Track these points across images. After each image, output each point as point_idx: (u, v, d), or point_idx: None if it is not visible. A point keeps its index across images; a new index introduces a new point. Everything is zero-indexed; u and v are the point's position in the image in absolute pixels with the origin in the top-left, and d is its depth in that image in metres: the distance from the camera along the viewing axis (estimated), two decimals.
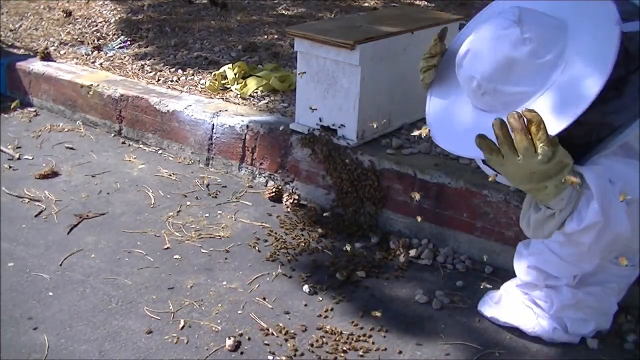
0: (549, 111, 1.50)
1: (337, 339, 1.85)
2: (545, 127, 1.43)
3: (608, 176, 1.55)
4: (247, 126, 2.77)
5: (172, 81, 3.35)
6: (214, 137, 2.87)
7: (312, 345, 1.83)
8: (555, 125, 1.47)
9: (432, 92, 1.83)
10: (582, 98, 1.46)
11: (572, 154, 1.53)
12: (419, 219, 2.17)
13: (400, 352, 1.82)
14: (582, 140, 1.59)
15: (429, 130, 1.73)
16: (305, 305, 2.00)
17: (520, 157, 1.47)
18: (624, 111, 1.55)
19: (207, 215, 2.52)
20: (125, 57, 3.77)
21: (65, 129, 3.28)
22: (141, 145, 3.12)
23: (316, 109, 2.47)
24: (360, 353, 1.80)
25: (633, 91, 1.55)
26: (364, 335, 1.87)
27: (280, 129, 2.67)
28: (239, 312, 1.97)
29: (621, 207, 1.54)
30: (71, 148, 3.07)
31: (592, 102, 1.45)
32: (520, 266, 1.86)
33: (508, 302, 1.92)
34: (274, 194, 2.63)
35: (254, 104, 3.00)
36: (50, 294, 2.02)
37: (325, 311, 1.97)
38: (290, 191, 2.64)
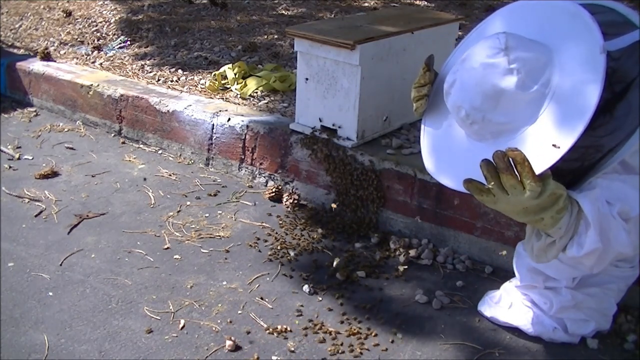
0: (539, 143, 1.49)
1: (337, 338, 1.85)
2: (529, 164, 1.41)
3: (606, 197, 1.54)
4: (247, 126, 2.77)
5: (172, 81, 3.35)
6: (214, 137, 2.87)
7: (312, 345, 1.83)
8: (545, 159, 1.46)
9: (425, 121, 1.82)
10: (571, 130, 1.45)
11: (564, 179, 1.52)
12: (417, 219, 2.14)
13: (399, 352, 1.82)
14: (575, 165, 1.58)
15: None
16: (306, 305, 2.01)
17: (510, 195, 1.47)
18: (616, 132, 1.54)
19: (207, 215, 2.52)
20: (125, 57, 3.77)
21: (65, 129, 3.28)
22: (141, 145, 3.12)
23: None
24: (360, 353, 1.80)
25: (624, 112, 1.54)
26: (364, 335, 1.87)
27: (280, 129, 2.67)
28: (239, 312, 1.97)
29: (621, 227, 1.54)
30: (71, 148, 3.07)
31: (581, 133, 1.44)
32: (519, 267, 1.87)
33: (508, 302, 1.92)
34: (274, 194, 2.63)
35: (254, 104, 3.01)
36: (50, 294, 2.02)
37: (325, 311, 1.97)
38: (290, 191, 2.64)
